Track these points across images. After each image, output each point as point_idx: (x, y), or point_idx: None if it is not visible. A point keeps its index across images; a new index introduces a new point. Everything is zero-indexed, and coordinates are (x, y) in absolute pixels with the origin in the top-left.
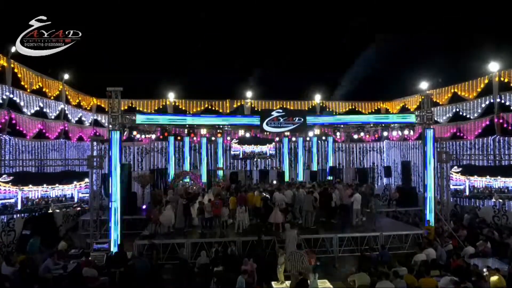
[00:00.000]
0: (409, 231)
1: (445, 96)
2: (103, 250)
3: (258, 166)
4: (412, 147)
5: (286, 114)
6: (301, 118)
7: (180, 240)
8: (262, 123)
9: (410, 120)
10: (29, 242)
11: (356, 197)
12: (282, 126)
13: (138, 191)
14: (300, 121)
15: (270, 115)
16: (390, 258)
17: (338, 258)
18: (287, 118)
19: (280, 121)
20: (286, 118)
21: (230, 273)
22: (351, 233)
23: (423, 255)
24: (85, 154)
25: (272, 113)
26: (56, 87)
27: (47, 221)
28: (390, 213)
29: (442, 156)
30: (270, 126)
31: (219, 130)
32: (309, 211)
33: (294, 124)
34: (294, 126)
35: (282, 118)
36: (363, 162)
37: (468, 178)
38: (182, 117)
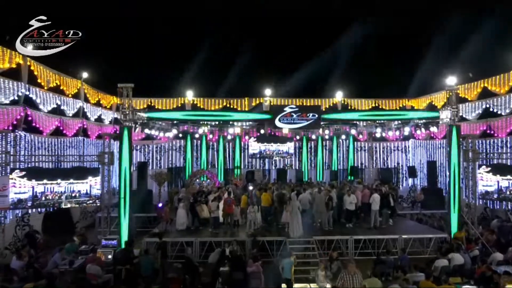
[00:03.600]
0: (431, 235)
1: (474, 92)
2: (112, 247)
3: (276, 165)
4: (439, 146)
5: (299, 110)
6: (315, 114)
7: (188, 238)
8: (275, 119)
9: (432, 115)
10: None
11: (375, 197)
12: (295, 122)
13: (155, 189)
14: (314, 117)
15: (283, 111)
16: (409, 263)
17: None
18: (301, 114)
19: (293, 117)
20: (299, 114)
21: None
22: (368, 235)
23: (445, 260)
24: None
25: (285, 109)
26: (74, 85)
27: (63, 217)
28: (415, 215)
29: (468, 155)
30: (282, 122)
31: (234, 130)
32: (323, 212)
33: (308, 120)
34: (308, 123)
35: (295, 114)
36: (387, 162)
37: (499, 178)
38: (193, 113)
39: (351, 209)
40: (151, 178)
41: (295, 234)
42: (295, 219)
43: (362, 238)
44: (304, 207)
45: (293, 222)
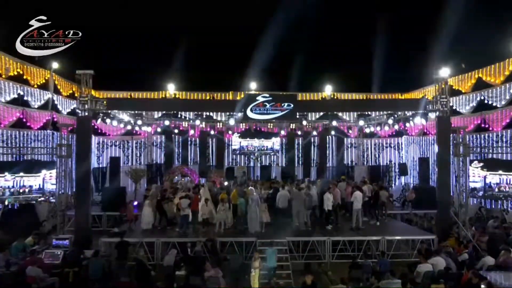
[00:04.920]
0: (418, 236)
1: (468, 83)
2: (63, 247)
3: (263, 162)
4: (432, 142)
5: (273, 100)
6: (290, 104)
7: (149, 239)
8: (246, 109)
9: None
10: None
11: (357, 195)
12: (268, 112)
13: (132, 186)
14: (290, 107)
15: (255, 100)
16: (389, 267)
17: (331, 265)
18: (275, 103)
19: (266, 107)
20: (273, 104)
21: (193, 277)
22: (348, 236)
23: (428, 265)
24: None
25: (257, 98)
26: (41, 75)
27: (27, 215)
28: (405, 215)
29: (458, 149)
30: (254, 113)
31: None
32: (300, 211)
33: (282, 110)
34: (282, 113)
35: (269, 104)
36: (379, 160)
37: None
38: (158, 102)
39: (329, 208)
40: (126, 175)
41: (251, 230)
42: (253, 214)
43: (341, 240)
44: (282, 205)
45: (251, 217)
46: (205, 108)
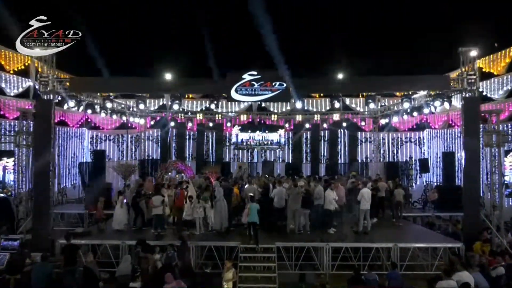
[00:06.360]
0: (440, 244)
1: (501, 63)
2: (11, 249)
3: (267, 158)
4: (458, 134)
5: (262, 78)
6: (283, 83)
7: (114, 241)
8: (230, 89)
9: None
10: None
11: (364, 193)
12: (257, 93)
13: (121, 183)
14: (282, 86)
15: (241, 78)
16: (400, 283)
17: (331, 276)
18: (264, 83)
19: (255, 86)
20: (262, 83)
21: None
22: (352, 242)
23: (451, 281)
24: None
25: (244, 77)
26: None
27: None
28: (425, 218)
29: (491, 138)
30: (240, 94)
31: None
32: (296, 211)
33: (273, 91)
34: (273, 94)
35: (257, 83)
36: (397, 156)
37: None
38: (129, 82)
39: (331, 209)
40: (114, 170)
41: (214, 227)
42: (218, 208)
43: (343, 246)
44: (278, 204)
45: (216, 211)
46: (183, 89)
